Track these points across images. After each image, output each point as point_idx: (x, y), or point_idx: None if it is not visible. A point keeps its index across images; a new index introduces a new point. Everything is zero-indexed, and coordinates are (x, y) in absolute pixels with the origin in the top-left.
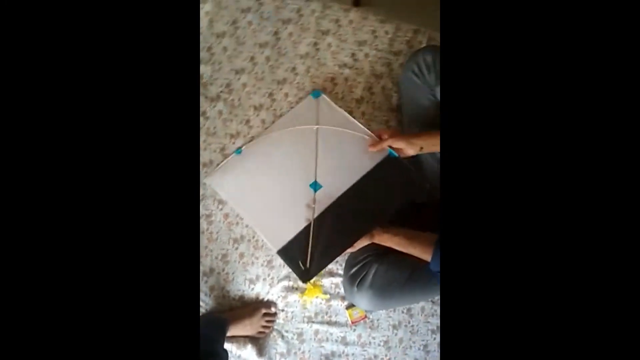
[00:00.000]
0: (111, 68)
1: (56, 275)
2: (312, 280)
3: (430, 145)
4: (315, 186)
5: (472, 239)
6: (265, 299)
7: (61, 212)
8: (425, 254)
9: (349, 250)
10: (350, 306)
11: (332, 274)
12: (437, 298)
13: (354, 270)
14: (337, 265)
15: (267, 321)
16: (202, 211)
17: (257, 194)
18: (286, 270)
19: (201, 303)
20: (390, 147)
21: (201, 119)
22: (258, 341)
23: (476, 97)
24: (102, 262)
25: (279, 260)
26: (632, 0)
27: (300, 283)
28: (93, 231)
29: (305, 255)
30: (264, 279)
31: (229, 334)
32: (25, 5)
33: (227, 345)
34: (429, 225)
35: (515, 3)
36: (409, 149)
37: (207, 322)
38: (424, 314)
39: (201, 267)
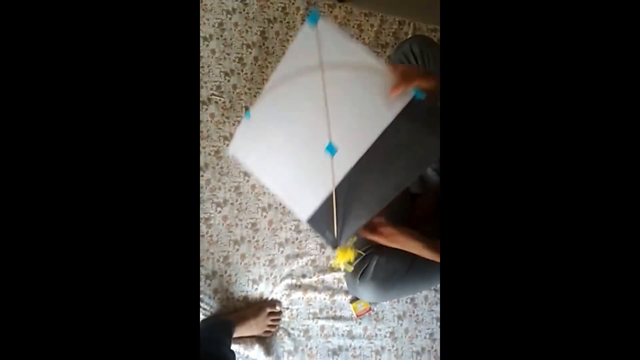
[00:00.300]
0: (110, 71)
1: (56, 279)
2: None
3: None
4: (331, 149)
5: (473, 236)
6: (270, 298)
7: (61, 215)
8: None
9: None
10: (354, 300)
11: (334, 268)
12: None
13: (354, 263)
14: None
15: (273, 320)
16: (201, 215)
17: (275, 161)
18: (289, 268)
19: (205, 306)
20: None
21: None
22: (265, 340)
23: (476, 95)
24: (101, 266)
25: (280, 259)
26: (632, 0)
27: (302, 280)
28: (92, 235)
29: (331, 225)
30: (267, 278)
31: (235, 335)
32: (25, 5)
33: (234, 347)
34: (423, 213)
35: (515, 2)
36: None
37: (212, 324)
38: (427, 303)
39: (204, 270)
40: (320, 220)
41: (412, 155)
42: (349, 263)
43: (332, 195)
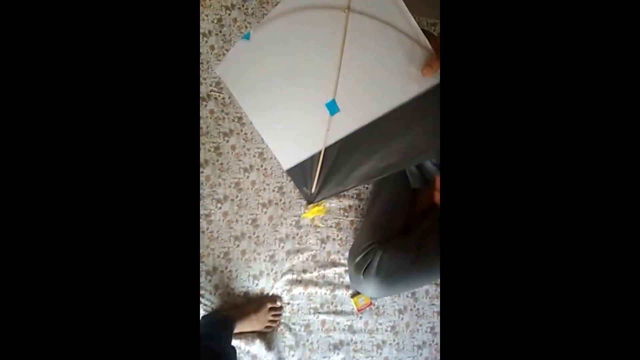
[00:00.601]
0: (110, 67)
1: (56, 275)
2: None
3: None
4: (332, 107)
5: (473, 231)
6: (270, 294)
7: (61, 212)
8: None
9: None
10: (355, 294)
11: (334, 263)
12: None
13: (358, 259)
14: (340, 255)
15: (274, 315)
16: (201, 211)
17: (269, 98)
18: (289, 263)
19: (206, 302)
20: None
21: None
22: (266, 336)
23: (477, 91)
24: (100, 261)
25: (281, 255)
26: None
27: (303, 275)
28: (92, 231)
29: (311, 182)
30: (268, 274)
31: (236, 330)
32: (26, 15)
33: (235, 342)
34: (423, 208)
35: (515, 5)
36: None
37: (213, 320)
38: (428, 297)
39: (204, 267)
40: (301, 173)
41: (413, 143)
42: (319, 218)
43: (320, 153)
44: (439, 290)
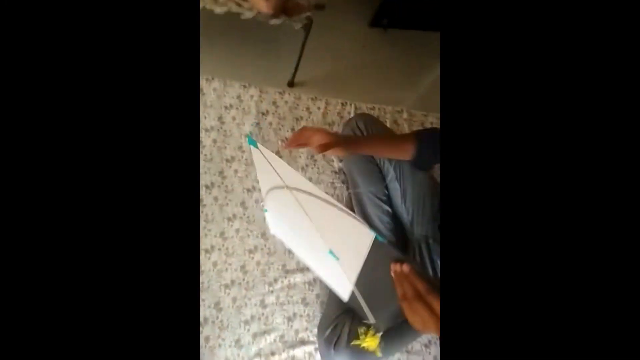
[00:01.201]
0: (111, 68)
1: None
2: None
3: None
4: (333, 255)
5: (473, 246)
6: None
7: (61, 219)
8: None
9: None
10: None
11: (303, 342)
12: (411, 347)
13: (327, 332)
14: (308, 332)
15: None
16: None
17: (302, 250)
18: (256, 347)
19: None
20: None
21: None
22: None
23: (475, 100)
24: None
25: (247, 338)
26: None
27: (271, 358)
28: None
29: (363, 314)
30: None
31: None
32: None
33: None
34: None
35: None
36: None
37: None
38: None
39: None
40: (356, 304)
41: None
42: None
43: (353, 290)
44: (410, 357)
